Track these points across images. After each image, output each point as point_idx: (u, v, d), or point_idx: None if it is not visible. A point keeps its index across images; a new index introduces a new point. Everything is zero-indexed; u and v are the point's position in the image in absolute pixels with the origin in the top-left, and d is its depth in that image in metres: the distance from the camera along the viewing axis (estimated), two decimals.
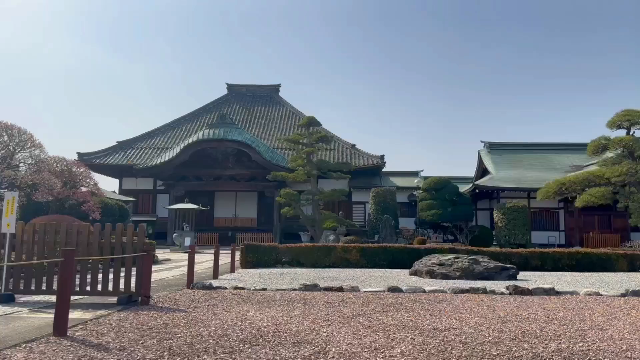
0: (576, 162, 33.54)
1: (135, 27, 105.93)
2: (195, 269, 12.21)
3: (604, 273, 13.55)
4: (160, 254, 19.94)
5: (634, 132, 25.79)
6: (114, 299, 7.47)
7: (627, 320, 6.23)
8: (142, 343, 4.81)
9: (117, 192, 33.02)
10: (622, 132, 26.15)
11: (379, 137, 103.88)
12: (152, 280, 7.96)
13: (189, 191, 31.35)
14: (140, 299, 7.38)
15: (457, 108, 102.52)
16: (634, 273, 13.63)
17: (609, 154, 26.12)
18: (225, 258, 17.50)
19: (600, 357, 4.40)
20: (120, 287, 7.53)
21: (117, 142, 36.52)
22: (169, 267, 15.14)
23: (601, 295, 8.76)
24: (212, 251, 12.96)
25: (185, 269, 12.38)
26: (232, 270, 13.10)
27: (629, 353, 4.55)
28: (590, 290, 9.02)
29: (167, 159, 30.35)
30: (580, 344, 4.88)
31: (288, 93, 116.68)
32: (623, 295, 8.71)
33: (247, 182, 31.60)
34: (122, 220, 23.02)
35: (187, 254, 11.33)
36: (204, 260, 17.53)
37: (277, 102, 43.91)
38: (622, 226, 29.39)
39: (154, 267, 13.49)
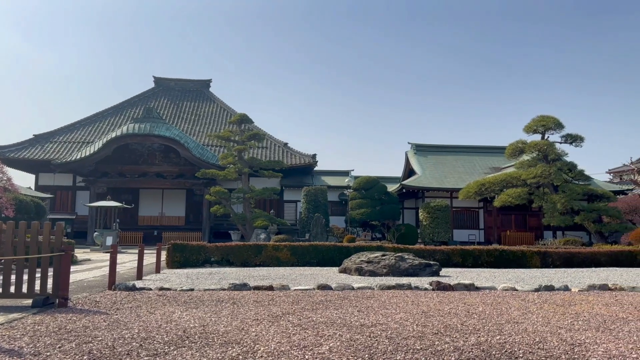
0: (495, 164, 35.45)
1: (55, 14, 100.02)
2: (117, 270, 11.75)
3: (520, 269, 14.38)
4: (79, 253, 18.97)
5: (548, 137, 27.64)
6: (29, 302, 7.02)
7: (540, 314, 6.65)
8: (59, 347, 4.55)
9: (33, 189, 30.99)
10: (537, 137, 27.96)
11: (311, 137, 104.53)
12: (71, 281, 7.56)
13: (112, 188, 30.00)
14: (57, 301, 6.97)
15: (387, 110, 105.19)
16: (546, 269, 14.57)
17: (525, 157, 27.84)
18: (150, 258, 16.93)
19: (516, 349, 4.66)
20: (36, 288, 7.08)
21: (33, 135, 34.31)
22: (90, 267, 14.42)
23: (517, 290, 9.28)
24: (136, 251, 12.48)
25: (106, 270, 11.87)
26: (158, 270, 12.69)
27: (541, 345, 4.85)
28: (507, 286, 9.52)
29: (88, 153, 28.84)
30: (498, 337, 5.15)
31: (219, 89, 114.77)
32: (536, 290, 9.28)
33: (175, 179, 30.69)
34: (38, 218, 21.65)
35: (108, 254, 10.83)
36: (127, 261, 16.86)
37: (207, 97, 42.98)
38: (536, 225, 31.37)
39: (73, 268, 12.84)
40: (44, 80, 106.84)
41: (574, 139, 27.37)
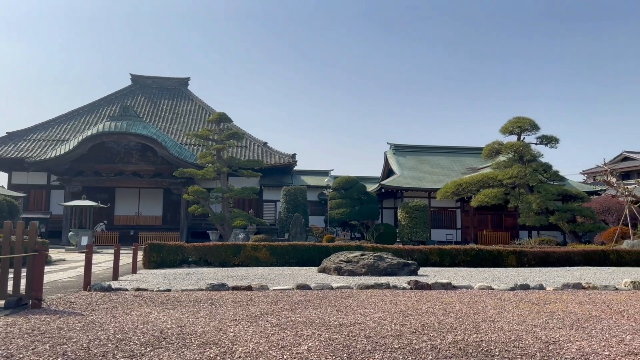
0: (472, 164, 35.91)
1: (31, 10, 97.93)
2: (93, 270, 11.56)
3: (496, 268, 14.59)
4: (54, 254, 18.61)
5: (524, 138, 28.13)
6: (1, 303, 6.85)
7: (515, 313, 6.75)
8: (32, 349, 4.46)
9: (6, 187, 30.27)
10: (513, 138, 28.42)
11: (291, 136, 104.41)
12: (45, 282, 7.41)
13: (87, 187, 29.47)
14: (31, 302, 6.82)
15: (366, 110, 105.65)
16: (522, 268, 14.81)
17: (501, 158, 28.27)
18: (126, 258, 16.70)
19: (492, 348, 4.72)
20: (8, 289, 6.92)
21: (7, 132, 33.52)
22: (64, 267, 14.15)
23: (493, 289, 9.41)
24: (112, 251, 12.29)
25: (82, 270, 11.65)
26: (134, 271, 12.52)
27: (517, 343, 4.93)
28: (483, 285, 9.65)
29: (63, 152, 28.28)
30: (474, 336, 5.22)
31: (198, 88, 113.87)
32: (512, 289, 9.42)
33: (152, 178, 30.30)
34: (11, 217, 21.16)
35: (84, 254, 10.64)
36: (102, 261, 16.59)
37: (185, 95, 42.55)
38: (512, 225, 31.86)
39: (47, 268, 12.58)
40: (18, 77, 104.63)
41: (549, 140, 27.91)
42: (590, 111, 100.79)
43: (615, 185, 21.89)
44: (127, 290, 8.77)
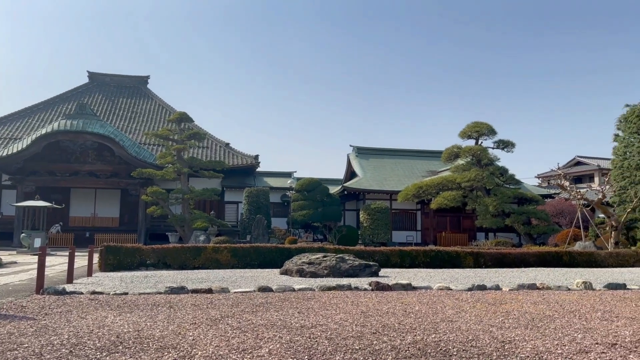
0: (433, 167, 36.56)
1: None
2: (46, 273, 11.15)
3: (454, 269, 14.89)
4: (5, 256, 17.84)
5: (482, 142, 28.88)
6: None
7: (473, 313, 6.90)
8: None
9: None
10: (472, 142, 29.13)
11: (254, 137, 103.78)
12: None
13: (41, 187, 28.41)
14: None
15: (329, 112, 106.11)
16: (479, 269, 15.17)
17: (460, 161, 28.93)
18: (82, 261, 16.18)
19: (450, 347, 4.81)
20: None
21: None
22: (16, 270, 13.59)
23: (451, 289, 9.60)
24: (67, 253, 11.90)
25: (34, 273, 11.23)
26: (90, 273, 12.15)
27: (474, 342, 5.04)
28: (442, 286, 9.83)
29: (15, 150, 27.17)
30: (433, 336, 5.30)
31: (158, 87, 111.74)
32: (470, 289, 9.63)
33: (109, 178, 29.47)
34: None
35: (37, 257, 10.26)
36: (57, 264, 16.04)
37: (145, 94, 41.64)
38: (470, 226, 32.59)
39: None
40: None
41: (505, 145, 28.75)
42: (545, 117, 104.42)
43: (568, 188, 22.70)
44: (82, 293, 8.50)
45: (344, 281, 10.49)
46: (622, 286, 10.20)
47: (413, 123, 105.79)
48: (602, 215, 26.53)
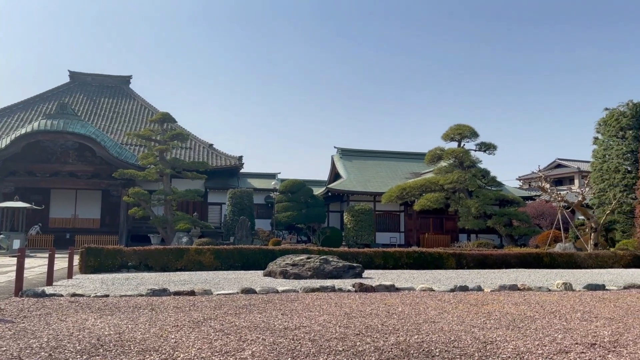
0: (416, 169, 36.81)
1: None
2: (25, 275, 10.96)
3: (437, 270, 15.00)
4: None
5: (464, 145, 29.16)
6: None
7: (455, 313, 6.96)
8: None
9: None
10: (454, 144, 29.41)
11: (238, 139, 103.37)
12: None
13: (20, 188, 27.90)
14: None
15: (314, 113, 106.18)
16: (461, 270, 15.31)
17: (443, 163, 29.19)
18: (62, 263, 15.95)
19: (433, 348, 4.84)
20: None
21: None
22: None
23: (434, 290, 9.66)
24: (47, 255, 11.71)
25: (13, 275, 11.04)
26: (70, 275, 11.97)
27: (456, 343, 5.08)
28: (424, 287, 9.89)
29: None
30: (416, 337, 5.33)
31: (141, 87, 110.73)
32: (452, 290, 9.71)
33: (90, 179, 29.06)
34: None
35: (15, 258, 10.07)
36: (36, 265, 15.79)
37: (127, 94, 41.18)
38: (452, 228, 32.86)
39: None
40: None
41: (487, 147, 29.09)
42: (527, 120, 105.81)
43: (549, 191, 23.03)
44: (62, 295, 8.37)
45: (328, 283, 10.50)
46: (601, 287, 10.38)
47: (397, 124, 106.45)
48: (582, 217, 26.96)
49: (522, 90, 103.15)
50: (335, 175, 37.03)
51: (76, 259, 13.75)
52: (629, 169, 24.67)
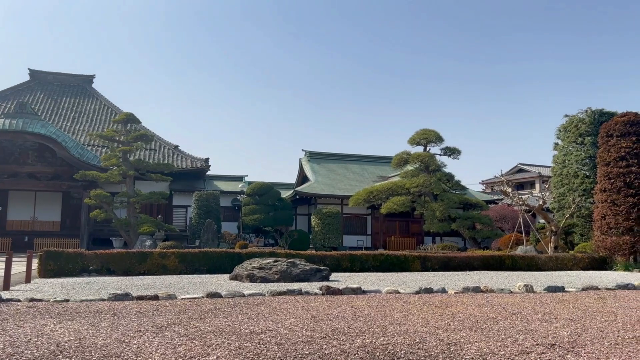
0: (383, 173, 37.18)
1: None
2: None
3: (403, 273, 15.16)
4: None
5: (430, 149, 29.64)
6: None
7: (420, 315, 7.04)
8: None
9: None
10: (420, 149, 29.85)
11: (204, 140, 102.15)
12: None
13: None
14: None
15: (282, 116, 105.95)
16: (426, 272, 15.51)
17: (409, 167, 29.60)
18: (20, 267, 15.39)
19: (398, 350, 4.88)
20: None
21: None
22: None
23: (400, 293, 9.75)
24: (4, 259, 11.29)
25: None
26: (28, 280, 11.57)
27: (421, 345, 5.14)
28: (390, 289, 9.97)
29: None
30: (382, 339, 5.37)
31: (104, 87, 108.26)
32: (417, 292, 9.82)
33: (50, 180, 28.18)
34: None
35: None
36: None
37: (90, 94, 40.15)
38: (418, 231, 33.33)
39: None
40: None
41: (452, 152, 29.65)
42: (489, 126, 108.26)
43: (511, 195, 23.61)
44: (19, 300, 8.08)
45: (295, 286, 10.46)
46: (561, 289, 10.69)
47: (365, 128, 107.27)
48: (542, 221, 27.76)
49: (485, 97, 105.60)
50: (303, 178, 37.02)
51: (35, 263, 13.31)
52: (588, 174, 25.49)
